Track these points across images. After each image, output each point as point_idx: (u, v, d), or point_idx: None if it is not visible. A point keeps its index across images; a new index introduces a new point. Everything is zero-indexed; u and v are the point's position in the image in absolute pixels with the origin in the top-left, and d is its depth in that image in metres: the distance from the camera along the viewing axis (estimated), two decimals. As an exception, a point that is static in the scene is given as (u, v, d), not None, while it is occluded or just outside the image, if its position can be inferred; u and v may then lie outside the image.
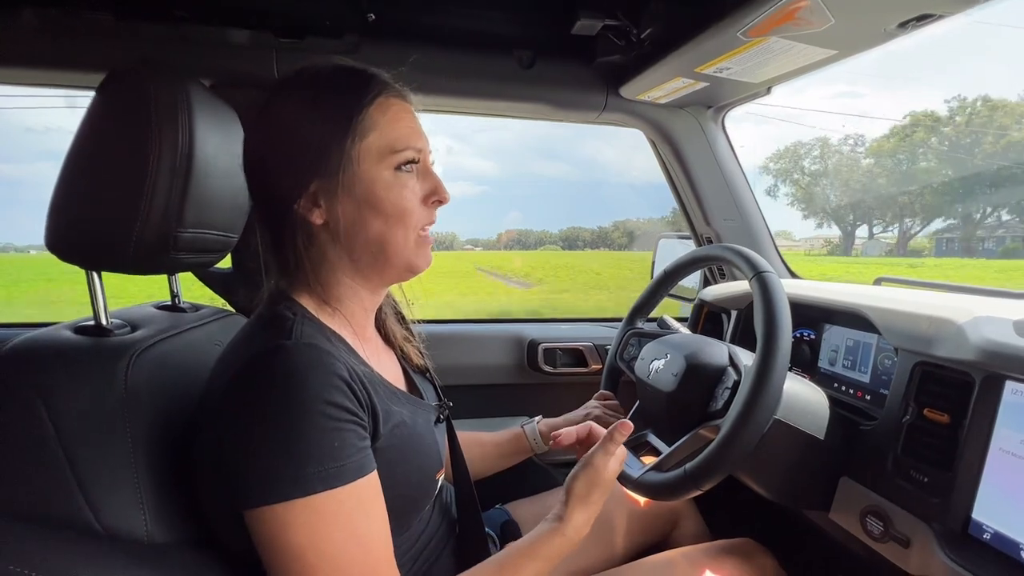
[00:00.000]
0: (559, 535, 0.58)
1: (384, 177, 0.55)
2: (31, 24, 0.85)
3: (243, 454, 0.46)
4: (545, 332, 1.30)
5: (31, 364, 0.49)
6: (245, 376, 0.48)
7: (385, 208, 0.55)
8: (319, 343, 0.50)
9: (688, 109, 1.12)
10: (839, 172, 32.36)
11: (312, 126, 0.54)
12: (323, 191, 0.54)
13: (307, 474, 0.45)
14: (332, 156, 0.53)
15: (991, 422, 0.56)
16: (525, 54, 1.02)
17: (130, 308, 0.70)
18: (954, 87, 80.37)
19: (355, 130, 0.54)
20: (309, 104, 0.55)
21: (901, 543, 0.62)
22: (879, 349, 0.79)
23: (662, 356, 0.78)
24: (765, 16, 0.66)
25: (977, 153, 28.35)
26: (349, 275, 0.59)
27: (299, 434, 0.45)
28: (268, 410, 0.45)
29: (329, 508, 0.46)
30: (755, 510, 1.01)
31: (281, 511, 0.45)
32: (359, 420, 0.50)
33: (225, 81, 0.93)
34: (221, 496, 0.49)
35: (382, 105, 0.56)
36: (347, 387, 0.49)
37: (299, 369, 0.47)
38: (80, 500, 0.46)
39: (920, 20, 0.65)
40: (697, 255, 0.87)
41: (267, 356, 0.48)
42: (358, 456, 0.48)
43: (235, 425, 0.46)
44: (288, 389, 0.46)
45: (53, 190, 0.53)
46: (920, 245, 28.99)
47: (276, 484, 0.45)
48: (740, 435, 0.59)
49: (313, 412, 0.46)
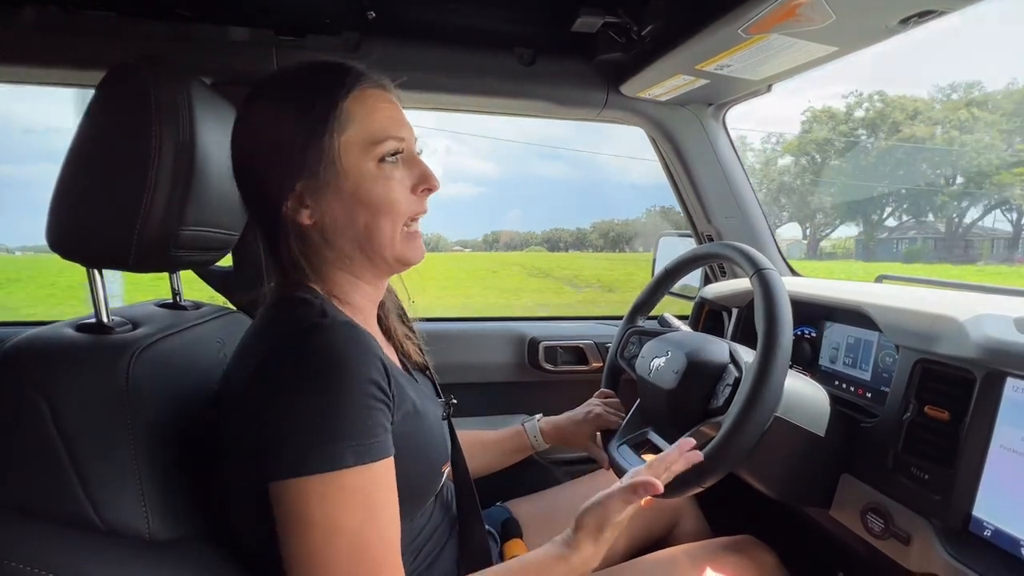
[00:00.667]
0: (565, 562, 0.56)
1: (368, 170, 0.55)
2: (31, 22, 0.85)
3: (279, 427, 0.45)
4: (546, 330, 1.30)
5: (32, 362, 0.49)
6: (281, 354, 0.48)
7: (371, 201, 0.55)
8: (352, 321, 0.51)
9: (689, 106, 1.12)
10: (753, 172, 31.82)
11: (290, 127, 0.53)
12: (309, 191, 0.54)
13: (340, 448, 0.45)
14: (313, 155, 0.53)
15: (992, 419, 0.57)
16: (525, 51, 1.02)
17: (131, 306, 0.70)
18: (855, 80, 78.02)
19: (333, 126, 0.53)
20: (285, 105, 0.54)
21: (902, 540, 0.62)
22: (880, 347, 0.79)
23: (663, 354, 0.78)
24: (766, 13, 0.66)
25: (872, 151, 27.54)
26: (346, 270, 0.59)
27: (338, 409, 0.46)
28: (310, 384, 0.46)
29: (354, 484, 0.46)
30: (756, 507, 1.01)
31: (308, 483, 0.45)
32: (388, 400, 0.50)
33: (225, 79, 0.93)
34: (245, 478, 0.49)
35: (358, 98, 0.55)
36: (384, 367, 0.50)
37: (340, 345, 0.48)
38: (82, 497, 0.47)
39: (922, 16, 0.65)
40: (698, 252, 0.87)
41: (304, 333, 0.48)
42: (384, 436, 0.49)
43: (271, 401, 0.46)
44: (331, 364, 0.46)
45: (54, 188, 0.53)
46: (840, 247, 28.56)
47: (310, 456, 0.45)
48: (741, 432, 0.59)
49: (354, 389, 0.46)
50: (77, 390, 0.49)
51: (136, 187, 0.52)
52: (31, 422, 0.46)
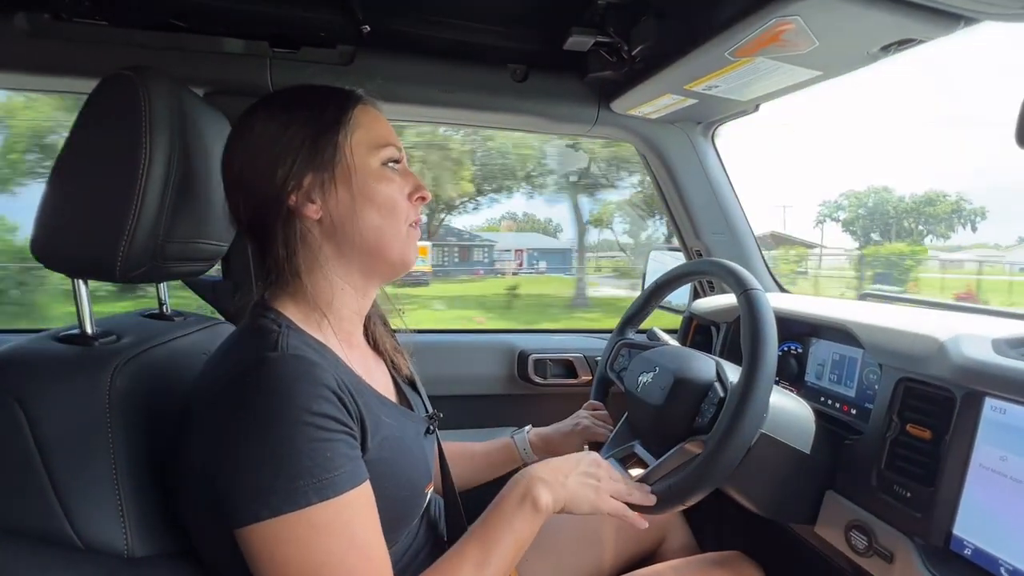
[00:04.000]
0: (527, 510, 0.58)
1: (375, 169, 0.58)
2: (25, 29, 0.85)
3: (232, 471, 0.45)
4: (535, 343, 1.30)
5: (12, 373, 0.48)
6: (230, 390, 0.47)
7: (379, 199, 0.57)
8: (306, 354, 0.50)
9: (678, 124, 1.14)
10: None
11: (301, 126, 0.56)
12: (318, 184, 0.55)
13: (299, 487, 0.44)
14: (326, 148, 0.55)
15: (971, 439, 0.57)
16: (518, 68, 1.03)
17: (116, 316, 0.69)
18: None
19: (345, 126, 0.57)
20: (294, 110, 0.57)
21: (884, 558, 0.62)
22: (864, 364, 0.80)
23: (651, 370, 0.78)
24: (752, 38, 0.68)
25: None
26: (340, 274, 0.59)
27: (288, 447, 0.45)
28: (255, 424, 0.45)
29: (324, 519, 0.45)
30: (743, 523, 1.01)
31: (276, 526, 0.44)
32: (348, 430, 0.49)
33: (218, 90, 0.94)
34: (208, 514, 0.48)
35: (363, 110, 0.59)
36: (336, 397, 0.49)
37: (285, 381, 0.46)
38: (59, 512, 0.46)
39: (901, 44, 0.67)
40: (687, 269, 0.88)
41: (252, 369, 0.47)
42: (350, 466, 0.48)
43: (222, 441, 0.46)
44: (275, 402, 0.45)
45: (41, 196, 0.53)
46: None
47: (268, 499, 0.44)
48: (724, 452, 0.60)
49: (302, 424, 0.45)
50: (57, 403, 0.48)
51: (125, 197, 0.52)
52: (8, 434, 0.46)
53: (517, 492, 0.59)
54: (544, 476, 0.60)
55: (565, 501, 0.60)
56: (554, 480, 0.60)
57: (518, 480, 0.60)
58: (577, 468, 0.63)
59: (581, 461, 0.64)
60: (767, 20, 0.63)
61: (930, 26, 0.61)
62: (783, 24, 0.64)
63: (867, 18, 0.61)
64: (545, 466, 0.62)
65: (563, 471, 0.61)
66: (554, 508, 0.59)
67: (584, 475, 0.62)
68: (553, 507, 0.59)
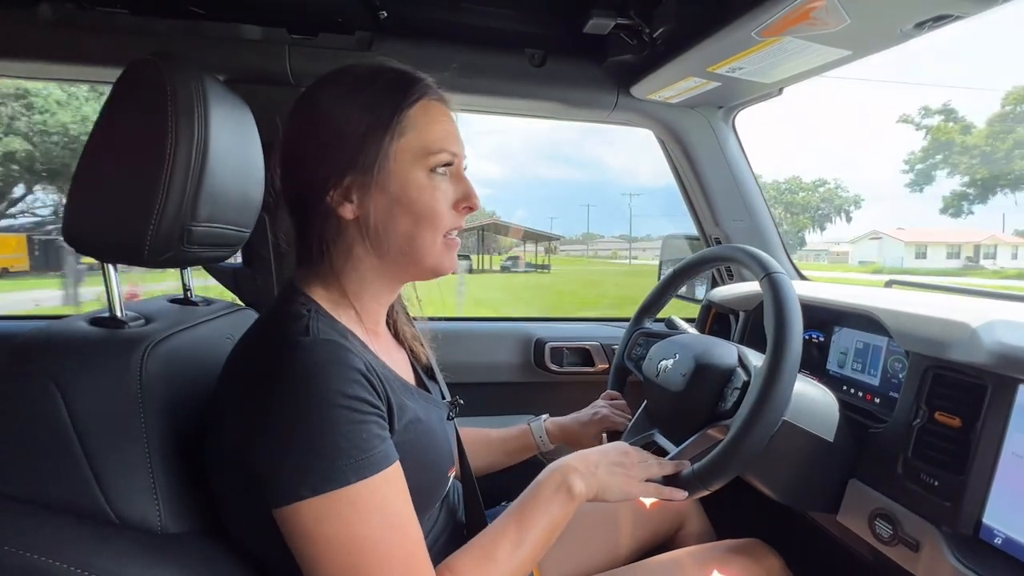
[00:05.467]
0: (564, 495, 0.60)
1: (418, 178, 0.56)
2: (49, 19, 0.86)
3: (271, 453, 0.46)
4: (552, 331, 1.30)
5: (47, 354, 0.50)
6: (266, 374, 0.48)
7: (416, 208, 0.56)
8: (334, 338, 0.50)
9: (699, 109, 1.11)
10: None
11: (352, 120, 0.54)
12: (357, 186, 0.55)
13: (339, 466, 0.45)
14: (370, 152, 0.54)
15: (1004, 426, 0.56)
16: (536, 53, 1.02)
17: (144, 301, 0.70)
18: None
19: (394, 129, 0.54)
20: (352, 98, 0.55)
21: (910, 546, 0.61)
22: (889, 351, 0.79)
23: (671, 356, 0.78)
24: (780, 16, 0.66)
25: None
26: (372, 270, 0.59)
27: (326, 429, 0.45)
28: (292, 407, 0.46)
29: (364, 497, 0.46)
30: (761, 511, 1.01)
31: (317, 505, 0.45)
32: (379, 411, 0.50)
33: (238, 77, 0.94)
34: (241, 493, 0.49)
35: (423, 107, 0.56)
36: (365, 380, 0.50)
37: (319, 365, 0.47)
38: (95, 489, 0.47)
39: (937, 20, 0.65)
40: (707, 255, 0.87)
41: (285, 354, 0.48)
42: (383, 446, 0.49)
43: (259, 424, 0.46)
44: (310, 386, 0.46)
45: (71, 183, 0.54)
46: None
47: (309, 479, 0.45)
48: (750, 435, 0.59)
49: (337, 406, 0.46)
50: (91, 383, 0.49)
51: (153, 182, 0.53)
52: (45, 414, 0.47)
53: (554, 479, 0.61)
54: (577, 466, 0.62)
55: (597, 490, 0.62)
56: (586, 470, 0.62)
57: (554, 469, 0.62)
58: (606, 458, 0.64)
59: (609, 452, 0.66)
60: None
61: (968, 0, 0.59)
62: (814, 1, 0.62)
63: None
64: (578, 457, 0.64)
65: (593, 462, 0.63)
66: (587, 496, 0.61)
67: (613, 464, 0.64)
68: (586, 495, 0.61)
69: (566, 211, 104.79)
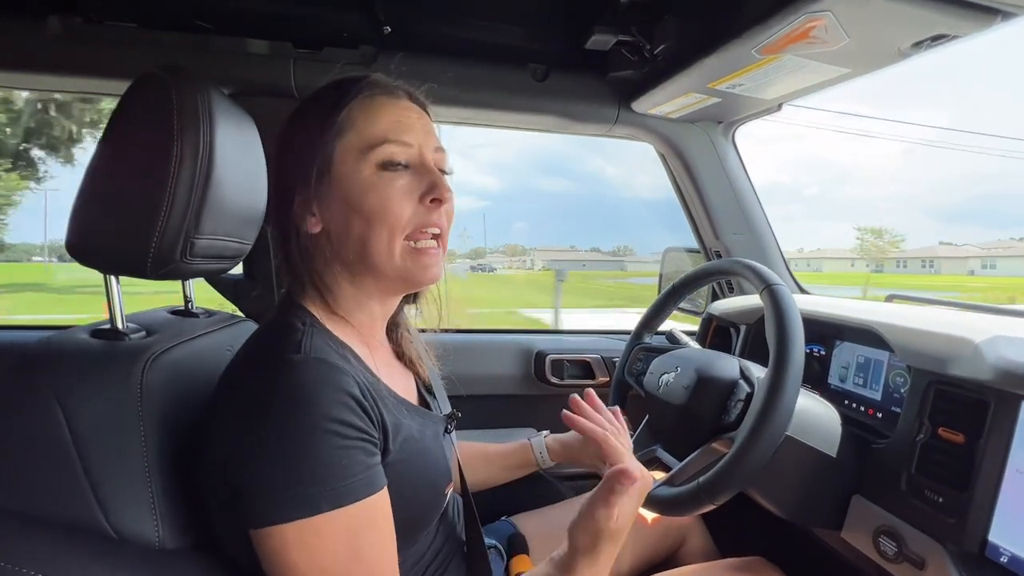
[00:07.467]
0: None
1: (363, 176, 0.53)
2: (58, 32, 0.87)
3: (249, 473, 0.45)
4: (553, 343, 1.29)
5: (48, 366, 0.49)
6: (253, 392, 0.47)
7: (365, 209, 0.53)
8: (328, 357, 0.49)
9: (699, 124, 1.13)
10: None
11: (299, 133, 0.55)
12: (316, 197, 0.54)
13: (312, 493, 0.44)
14: (315, 160, 0.53)
15: (1008, 442, 0.56)
16: (539, 67, 1.03)
17: (145, 312, 0.70)
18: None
19: (332, 130, 0.53)
20: (303, 112, 0.56)
21: (915, 564, 0.61)
22: (891, 366, 0.79)
23: (672, 369, 0.77)
24: (780, 34, 0.67)
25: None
26: (351, 284, 0.58)
27: (305, 453, 0.44)
28: (275, 429, 0.45)
29: (333, 527, 0.45)
30: (764, 527, 1.00)
31: (285, 531, 0.44)
32: (368, 437, 0.49)
33: (243, 90, 0.95)
34: (227, 509, 0.48)
35: (361, 104, 0.54)
36: (356, 404, 0.48)
37: (307, 387, 0.46)
38: (93, 503, 0.46)
39: (935, 40, 0.66)
40: (708, 269, 0.87)
41: (274, 373, 0.47)
42: (366, 473, 0.47)
43: (242, 442, 0.45)
44: (295, 408, 0.45)
45: (76, 194, 0.54)
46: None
47: (280, 504, 0.44)
48: (755, 447, 0.59)
49: (320, 431, 0.45)
50: (91, 395, 0.49)
51: (157, 195, 0.53)
52: (44, 426, 0.46)
53: (585, 545, 0.53)
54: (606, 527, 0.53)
55: (617, 533, 0.54)
56: (616, 529, 0.53)
57: (581, 535, 0.54)
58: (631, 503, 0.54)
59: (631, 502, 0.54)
60: (797, 16, 0.62)
61: (966, 21, 0.60)
62: (814, 20, 0.63)
63: (900, 13, 0.60)
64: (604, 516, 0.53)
65: (625, 516, 0.53)
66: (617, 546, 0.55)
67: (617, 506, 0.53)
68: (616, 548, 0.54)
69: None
